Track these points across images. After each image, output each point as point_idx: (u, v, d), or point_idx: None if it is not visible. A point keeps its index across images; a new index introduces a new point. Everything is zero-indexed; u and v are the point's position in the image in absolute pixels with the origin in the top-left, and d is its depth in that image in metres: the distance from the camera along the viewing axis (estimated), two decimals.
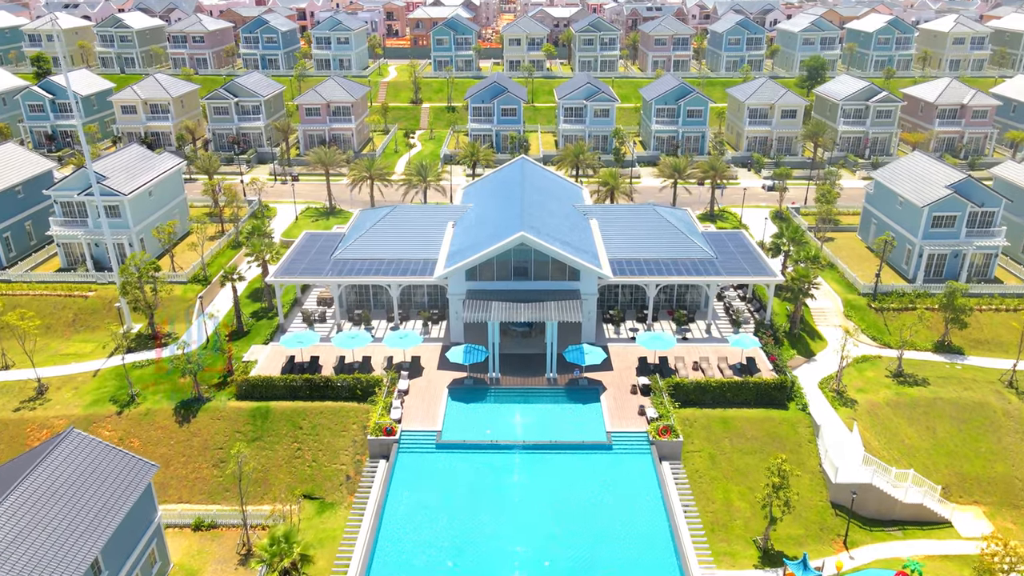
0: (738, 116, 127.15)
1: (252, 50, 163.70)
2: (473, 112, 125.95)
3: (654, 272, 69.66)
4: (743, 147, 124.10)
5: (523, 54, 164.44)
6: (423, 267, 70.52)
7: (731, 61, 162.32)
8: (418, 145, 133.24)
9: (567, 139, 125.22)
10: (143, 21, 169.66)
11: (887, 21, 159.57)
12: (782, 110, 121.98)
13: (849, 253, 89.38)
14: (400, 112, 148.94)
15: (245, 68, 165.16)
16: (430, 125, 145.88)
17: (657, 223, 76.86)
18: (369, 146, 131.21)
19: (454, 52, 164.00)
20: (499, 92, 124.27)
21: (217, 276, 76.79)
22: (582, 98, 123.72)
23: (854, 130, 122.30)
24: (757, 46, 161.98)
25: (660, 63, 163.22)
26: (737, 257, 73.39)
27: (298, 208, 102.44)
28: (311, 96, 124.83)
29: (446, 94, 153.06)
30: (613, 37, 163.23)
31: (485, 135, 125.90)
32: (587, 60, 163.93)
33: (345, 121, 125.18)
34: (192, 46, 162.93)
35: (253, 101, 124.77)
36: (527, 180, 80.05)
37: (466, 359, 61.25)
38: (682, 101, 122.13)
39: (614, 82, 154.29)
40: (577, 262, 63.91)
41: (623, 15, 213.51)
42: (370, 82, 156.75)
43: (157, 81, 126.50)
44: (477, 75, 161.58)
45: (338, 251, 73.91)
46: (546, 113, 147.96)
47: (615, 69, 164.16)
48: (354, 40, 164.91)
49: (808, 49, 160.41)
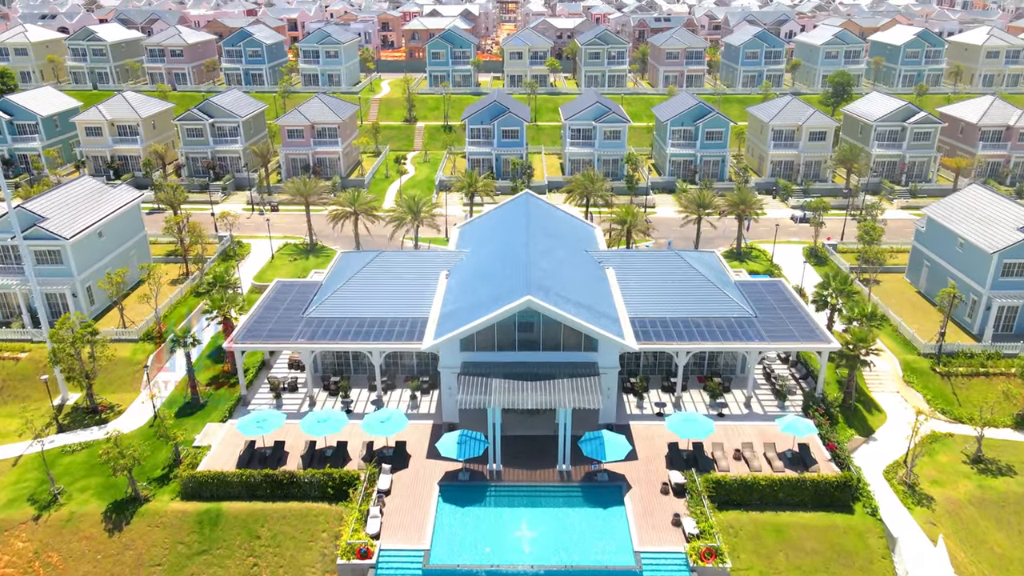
0: (761, 138, 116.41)
1: (235, 64, 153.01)
2: (471, 134, 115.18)
3: (684, 335, 58.71)
4: (767, 172, 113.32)
5: (525, 68, 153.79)
6: (411, 328, 59.69)
7: (748, 76, 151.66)
8: (411, 170, 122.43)
9: (574, 163, 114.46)
10: (118, 34, 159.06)
11: (916, 34, 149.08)
12: (810, 132, 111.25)
13: (899, 300, 78.41)
14: (392, 132, 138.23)
15: (227, 84, 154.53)
16: (424, 146, 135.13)
17: (684, 273, 65.91)
18: (358, 170, 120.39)
19: (451, 66, 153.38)
20: (499, 112, 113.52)
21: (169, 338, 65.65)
22: (590, 119, 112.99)
23: (889, 154, 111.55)
24: (776, 60, 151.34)
25: (672, 78, 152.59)
26: (780, 315, 62.42)
27: (275, 245, 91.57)
28: (294, 117, 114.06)
29: (442, 112, 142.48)
30: (621, 50, 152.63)
31: (484, 159, 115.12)
32: (594, 75, 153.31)
33: (331, 144, 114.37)
34: (170, 60, 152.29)
35: (230, 122, 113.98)
36: (532, 221, 69.13)
37: (461, 452, 50.12)
38: (700, 122, 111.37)
39: (623, 99, 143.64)
40: (595, 331, 52.87)
41: (630, 26, 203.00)
42: (360, 99, 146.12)
43: (126, 100, 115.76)
44: (476, 91, 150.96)
45: (312, 307, 63.00)
46: (550, 133, 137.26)
47: (624, 84, 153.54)
48: (344, 54, 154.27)
49: (831, 63, 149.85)
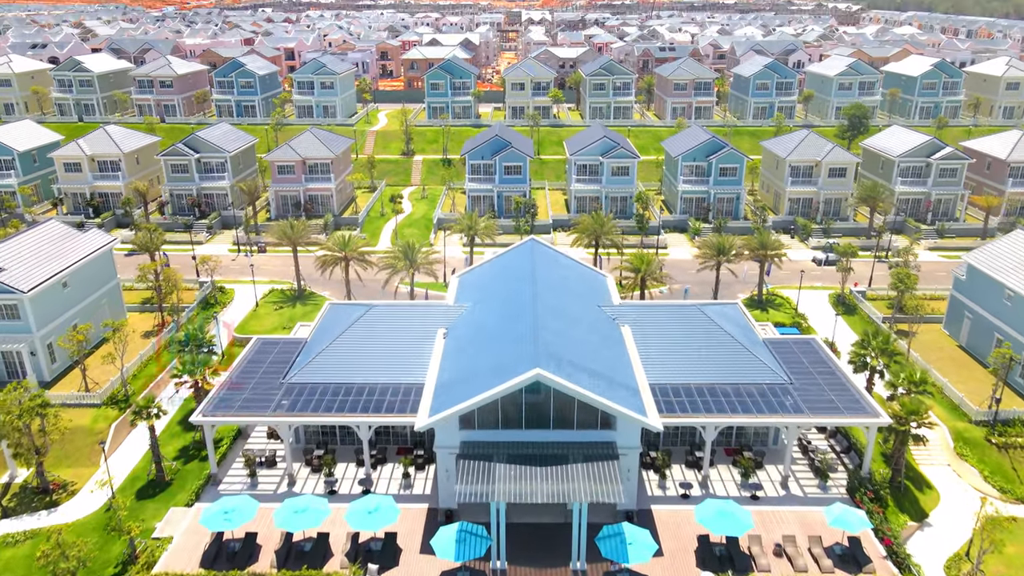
0: (776, 174, 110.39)
1: (226, 96, 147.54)
2: (471, 170, 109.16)
3: (711, 406, 51.93)
4: (784, 210, 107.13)
5: (527, 100, 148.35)
6: (404, 396, 53.05)
7: (759, 107, 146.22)
8: (408, 207, 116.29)
9: (580, 201, 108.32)
10: (106, 64, 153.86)
11: (933, 64, 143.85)
12: (829, 168, 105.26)
13: (938, 355, 71.60)
14: (389, 166, 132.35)
15: (218, 116, 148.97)
16: (423, 181, 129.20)
17: (707, 331, 59.27)
18: (352, 207, 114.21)
19: (450, 97, 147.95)
20: (501, 147, 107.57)
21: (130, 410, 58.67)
22: (597, 154, 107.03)
23: (913, 191, 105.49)
24: (788, 91, 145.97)
25: (680, 110, 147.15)
26: (817, 380, 55.69)
27: (260, 290, 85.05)
28: (284, 152, 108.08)
29: (441, 145, 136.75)
30: (627, 81, 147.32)
31: (485, 195, 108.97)
32: (598, 106, 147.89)
33: (323, 180, 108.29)
34: (159, 91, 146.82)
35: (217, 157, 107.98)
36: (539, 272, 62.61)
37: (459, 553, 43.08)
38: (713, 158, 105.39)
39: (630, 131, 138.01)
40: (614, 408, 46.09)
41: (634, 55, 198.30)
42: (356, 132, 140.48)
43: (107, 134, 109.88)
44: (476, 123, 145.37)
45: (294, 371, 56.31)
46: (554, 167, 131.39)
47: (630, 116, 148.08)
48: (339, 85, 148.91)
49: (845, 95, 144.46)
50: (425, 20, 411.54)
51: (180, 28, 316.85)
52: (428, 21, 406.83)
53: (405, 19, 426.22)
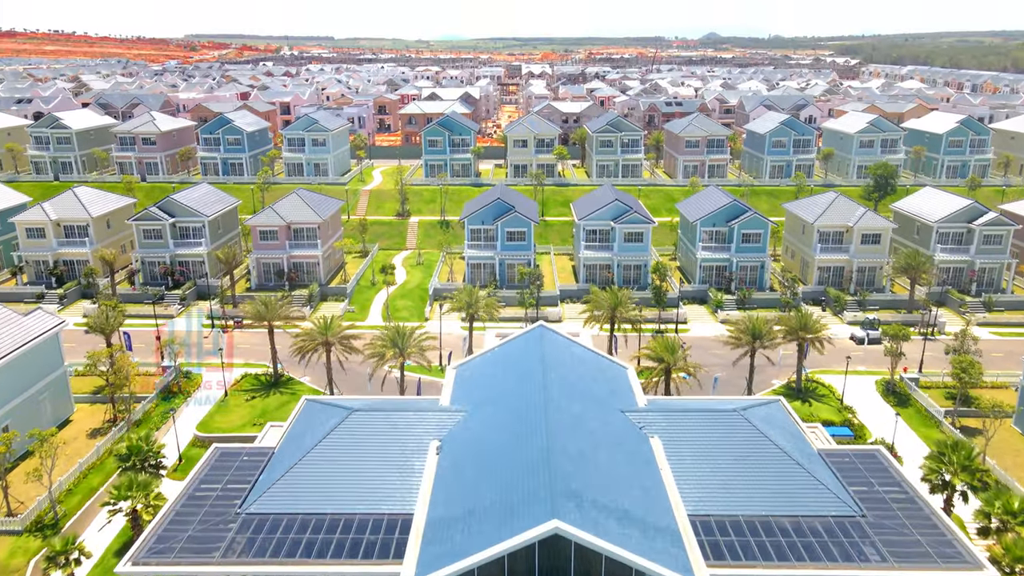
0: (803, 240, 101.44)
1: (212, 153, 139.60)
2: (471, 235, 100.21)
3: (769, 551, 41.66)
4: (813, 279, 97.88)
5: (530, 157, 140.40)
6: (387, 535, 42.97)
7: (776, 166, 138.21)
8: (401, 274, 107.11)
9: (589, 269, 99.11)
10: (86, 120, 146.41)
11: (958, 121, 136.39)
12: (862, 234, 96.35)
13: (1013, 458, 61.46)
14: (383, 228, 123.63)
15: (203, 174, 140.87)
16: (418, 245, 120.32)
17: (752, 443, 49.23)
18: (340, 276, 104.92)
19: (449, 155, 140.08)
20: (503, 211, 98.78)
21: (42, 553, 48.14)
22: (608, 219, 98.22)
23: (953, 259, 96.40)
24: (806, 149, 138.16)
25: (692, 168, 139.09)
26: (893, 511, 45.35)
27: (232, 376, 75.20)
28: (267, 217, 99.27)
29: (439, 205, 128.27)
30: (636, 138, 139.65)
31: (486, 263, 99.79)
32: (606, 164, 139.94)
33: (309, 247, 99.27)
34: (142, 149, 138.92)
35: (194, 222, 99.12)
36: (550, 371, 52.87)
37: None
38: (735, 223, 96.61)
39: (640, 191, 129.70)
40: (652, 569, 35.80)
41: (639, 110, 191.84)
42: (348, 191, 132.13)
43: (76, 197, 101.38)
44: (476, 182, 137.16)
45: (254, 497, 46.14)
46: (560, 229, 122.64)
47: (639, 175, 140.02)
48: (332, 141, 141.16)
49: (866, 153, 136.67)
50: (425, 73, 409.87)
51: (177, 82, 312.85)
52: (428, 74, 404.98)
53: (405, 72, 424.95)
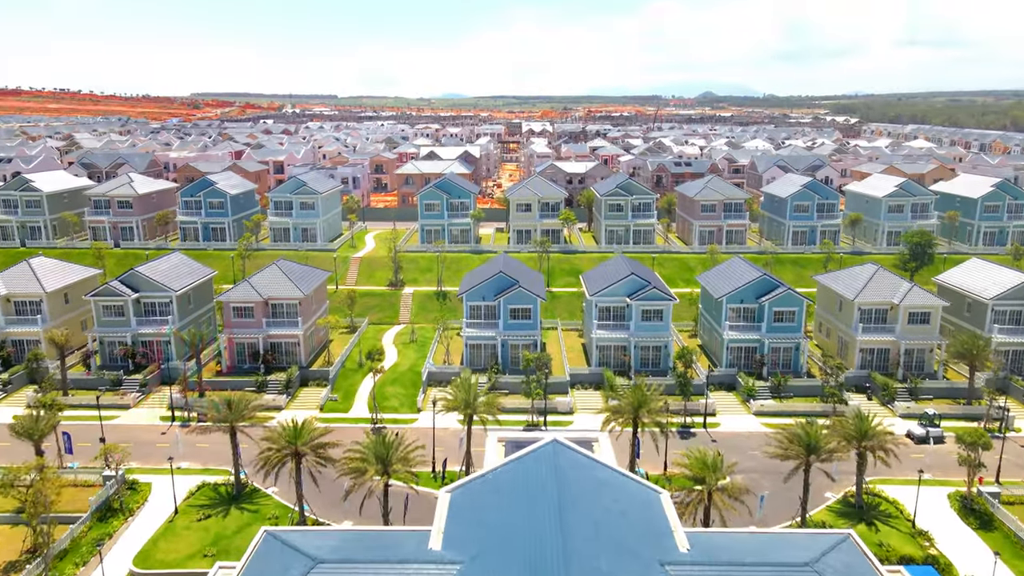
0: (840, 317, 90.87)
1: (192, 217, 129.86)
2: (470, 312, 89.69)
3: None
4: (855, 362, 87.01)
5: (534, 222, 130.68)
6: None
7: (799, 232, 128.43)
8: (392, 353, 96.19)
9: (603, 351, 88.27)
10: (59, 182, 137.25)
11: (993, 185, 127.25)
12: (909, 312, 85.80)
13: None
14: (374, 300, 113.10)
15: (181, 240, 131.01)
16: (412, 319, 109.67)
17: None
18: (324, 357, 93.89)
19: (447, 220, 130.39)
20: (506, 286, 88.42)
21: None
22: (623, 294, 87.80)
23: (1012, 341, 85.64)
24: (831, 213, 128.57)
25: (708, 234, 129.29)
26: None
27: (187, 485, 63.68)
28: (242, 291, 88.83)
29: (435, 274, 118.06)
30: (647, 201, 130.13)
31: (487, 344, 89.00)
32: (615, 229, 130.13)
33: (289, 325, 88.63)
34: (117, 212, 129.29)
35: (161, 297, 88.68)
36: (568, 505, 41.43)
37: None
38: (765, 300, 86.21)
39: (654, 260, 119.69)
40: None
41: (647, 170, 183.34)
42: (337, 259, 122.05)
43: (30, 268, 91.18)
44: (476, 249, 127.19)
45: None
46: (568, 302, 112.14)
47: (652, 241, 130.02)
48: (321, 205, 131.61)
49: (896, 218, 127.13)
50: (425, 131, 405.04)
51: (172, 140, 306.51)
52: (428, 132, 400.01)
53: (405, 130, 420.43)
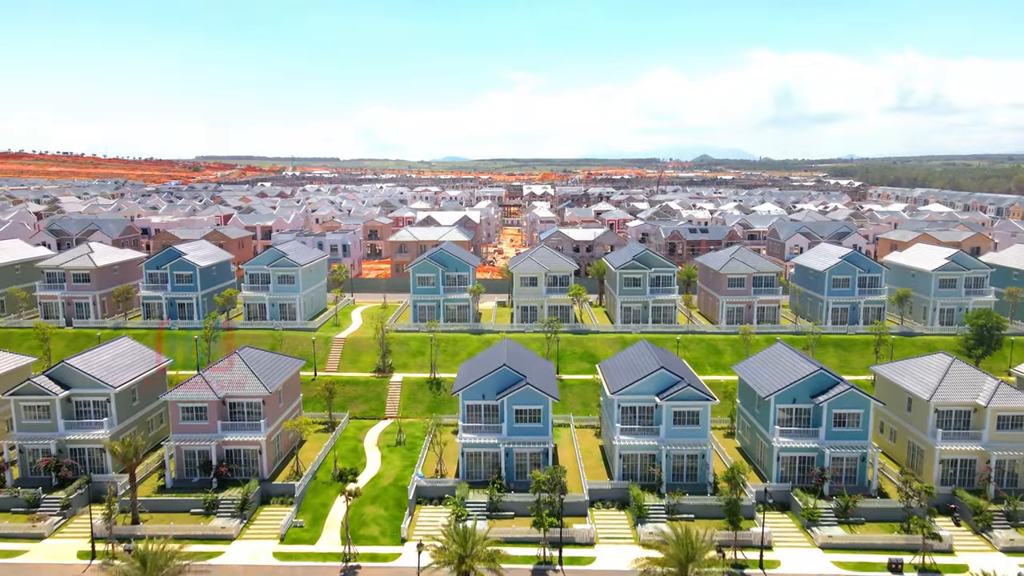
0: (911, 420, 75.89)
1: (156, 292, 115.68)
2: (468, 413, 74.74)
3: None
4: (932, 476, 71.64)
5: (540, 299, 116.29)
6: None
7: (839, 309, 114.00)
8: (374, 460, 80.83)
9: (627, 460, 72.99)
10: (11, 253, 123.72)
11: None
12: (998, 416, 70.88)
13: None
14: (357, 389, 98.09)
15: (144, 317, 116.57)
16: (400, 412, 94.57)
17: None
18: (292, 464, 78.35)
19: (442, 295, 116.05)
20: (512, 383, 73.67)
21: None
22: (651, 392, 73.00)
23: None
24: (874, 289, 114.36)
25: (737, 311, 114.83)
26: None
27: None
28: (194, 389, 73.99)
29: (428, 358, 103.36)
30: (668, 275, 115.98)
31: (488, 452, 73.81)
32: (631, 306, 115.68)
33: (250, 429, 73.69)
34: (72, 287, 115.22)
35: (96, 395, 73.95)
36: None
37: None
38: (822, 400, 71.40)
39: (678, 343, 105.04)
40: None
41: (660, 236, 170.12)
42: (318, 340, 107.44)
43: None
44: (475, 328, 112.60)
45: None
46: (580, 391, 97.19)
47: (673, 319, 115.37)
48: (303, 279, 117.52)
49: (948, 294, 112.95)
50: (424, 194, 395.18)
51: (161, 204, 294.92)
52: (427, 195, 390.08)
53: (404, 192, 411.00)
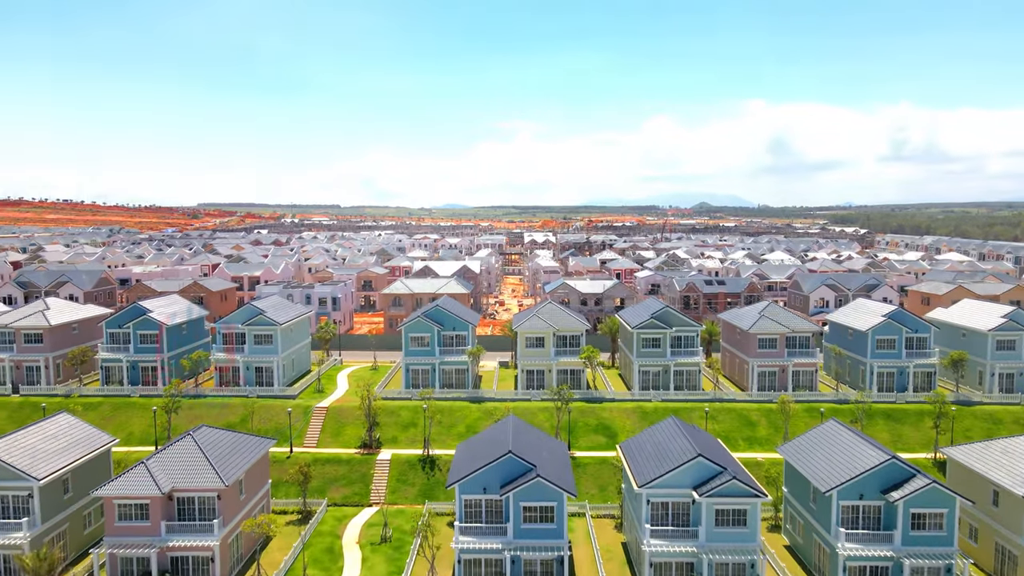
0: (1000, 516, 62.94)
1: (117, 355, 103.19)
2: (467, 511, 61.74)
3: None
4: None
5: (548, 362, 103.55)
6: None
7: (884, 374, 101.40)
8: (353, 565, 67.48)
9: (659, 569, 59.77)
10: None
11: None
12: None
13: None
14: (339, 469, 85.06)
15: (102, 382, 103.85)
16: (388, 497, 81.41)
17: None
18: (254, 568, 65.02)
19: (438, 357, 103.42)
20: (518, 474, 60.89)
21: None
22: (687, 486, 60.20)
23: None
24: (923, 350, 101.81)
25: (769, 376, 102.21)
26: None
27: None
28: (133, 482, 61.12)
29: (421, 431, 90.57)
30: (691, 335, 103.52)
31: (490, 559, 60.63)
32: (651, 369, 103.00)
33: (201, 531, 60.64)
34: (22, 348, 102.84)
35: (16, 489, 61.11)
36: None
37: None
38: (896, 496, 58.65)
39: (706, 415, 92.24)
40: None
41: (675, 288, 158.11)
42: (297, 410, 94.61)
43: None
44: (475, 396, 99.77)
45: None
46: (596, 472, 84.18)
47: (697, 385, 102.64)
48: (282, 339, 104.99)
49: (1007, 357, 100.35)
50: (423, 242, 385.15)
51: (149, 252, 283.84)
52: (426, 243, 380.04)
53: (402, 240, 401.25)
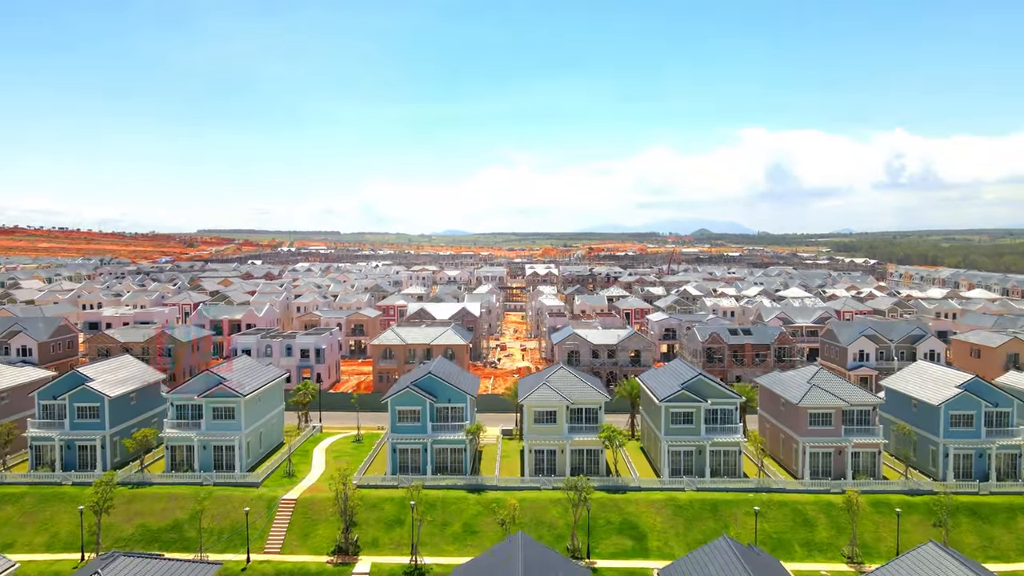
0: None
1: (48, 432, 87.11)
2: None
3: None
4: None
5: (561, 440, 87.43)
6: None
7: (961, 456, 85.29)
8: None
9: None
10: None
11: None
12: None
13: None
14: None
15: (32, 466, 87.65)
16: None
17: None
18: None
19: (430, 435, 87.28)
20: None
21: None
22: None
23: None
24: (1005, 429, 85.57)
25: (824, 458, 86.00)
26: None
27: None
28: None
29: (408, 532, 74.29)
30: (729, 409, 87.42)
31: None
32: (683, 449, 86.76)
33: None
34: None
35: None
36: None
37: None
38: None
39: (749, 514, 76.01)
40: None
41: (696, 339, 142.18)
42: (258, 504, 78.30)
43: None
44: (473, 485, 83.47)
45: None
46: None
47: (738, 471, 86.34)
48: (246, 412, 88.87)
49: None
50: (421, 274, 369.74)
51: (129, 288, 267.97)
52: (424, 275, 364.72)
53: (400, 272, 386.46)
